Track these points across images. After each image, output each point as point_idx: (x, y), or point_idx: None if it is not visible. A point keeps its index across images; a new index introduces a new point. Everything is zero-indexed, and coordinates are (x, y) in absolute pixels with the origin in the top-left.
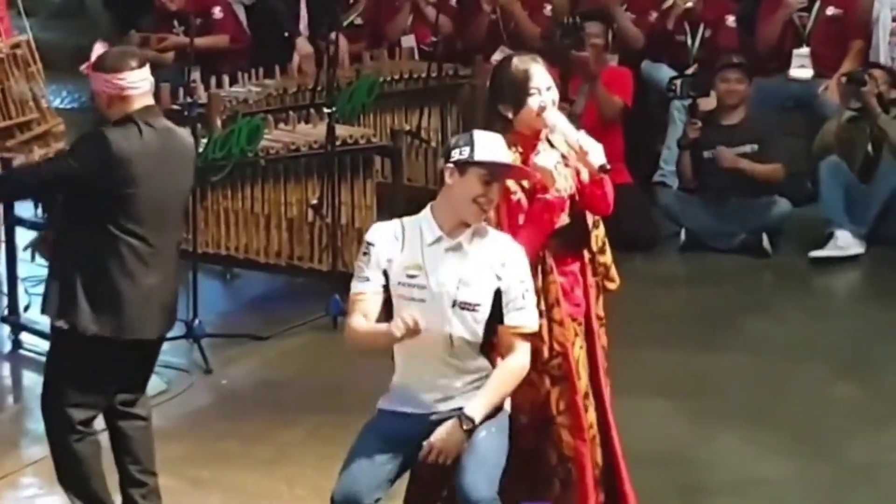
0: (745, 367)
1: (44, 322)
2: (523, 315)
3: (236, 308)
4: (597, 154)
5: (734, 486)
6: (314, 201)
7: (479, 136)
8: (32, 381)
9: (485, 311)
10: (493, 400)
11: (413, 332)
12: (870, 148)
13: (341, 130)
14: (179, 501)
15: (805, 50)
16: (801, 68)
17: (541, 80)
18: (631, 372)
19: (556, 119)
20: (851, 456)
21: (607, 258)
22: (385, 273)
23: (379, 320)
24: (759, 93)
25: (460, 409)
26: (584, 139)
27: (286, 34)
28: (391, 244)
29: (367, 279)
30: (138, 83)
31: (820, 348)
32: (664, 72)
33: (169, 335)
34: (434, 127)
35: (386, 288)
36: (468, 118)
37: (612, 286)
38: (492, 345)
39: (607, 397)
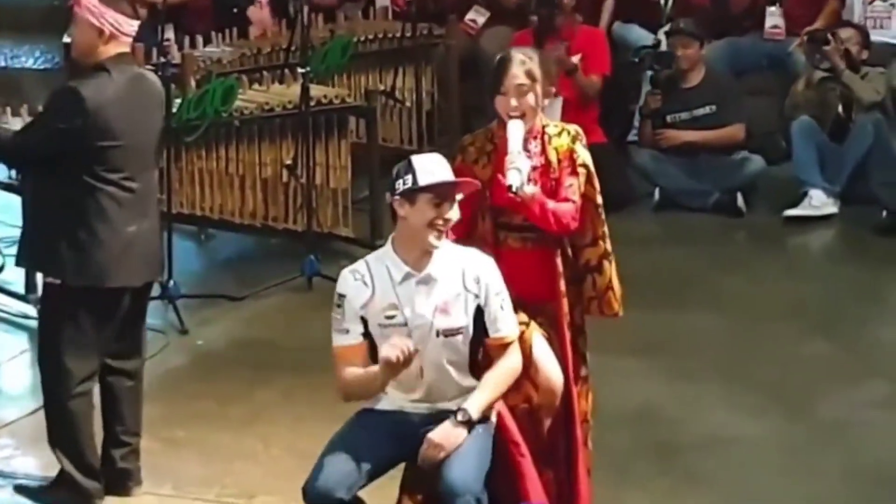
0: (719, 325)
1: (18, 283)
2: (505, 325)
3: (211, 269)
4: (512, 174)
5: (707, 443)
6: (289, 162)
7: (418, 160)
8: (7, 342)
9: (469, 332)
10: (490, 398)
11: (408, 357)
12: (840, 108)
13: (316, 91)
14: (155, 462)
15: (777, 9)
16: (773, 28)
17: (514, 80)
18: (604, 331)
19: (511, 129)
20: (824, 413)
21: (604, 281)
22: (363, 319)
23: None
24: (732, 52)
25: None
26: (514, 157)
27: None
28: (361, 291)
29: (347, 331)
30: (130, 30)
31: (793, 307)
32: (636, 32)
33: None
34: (409, 87)
35: (366, 335)
36: (442, 78)
37: (607, 311)
38: (478, 362)
39: (574, 403)
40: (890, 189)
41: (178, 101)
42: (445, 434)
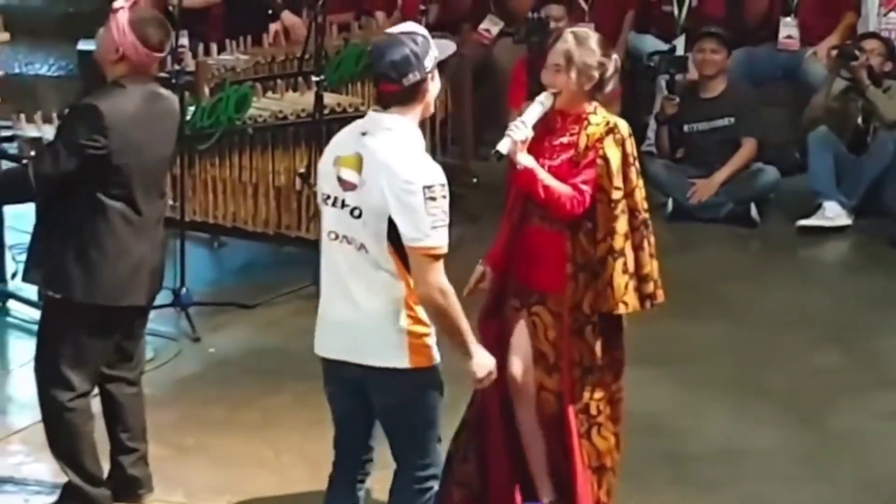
0: (732, 335)
1: (31, 290)
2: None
3: (224, 276)
4: (504, 141)
5: (720, 453)
6: (302, 170)
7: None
8: (19, 348)
9: None
10: None
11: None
12: (860, 120)
13: (329, 99)
14: (167, 469)
15: (791, 20)
16: (788, 38)
17: (553, 58)
18: None
19: (536, 100)
20: (836, 423)
21: (605, 275)
22: None
23: None
24: (748, 62)
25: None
26: (514, 125)
27: (269, 11)
28: None
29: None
30: (146, 60)
31: (806, 317)
32: (650, 42)
33: (156, 303)
34: None
35: None
36: (455, 87)
37: (603, 306)
38: None
39: (572, 399)
40: None
41: (192, 108)
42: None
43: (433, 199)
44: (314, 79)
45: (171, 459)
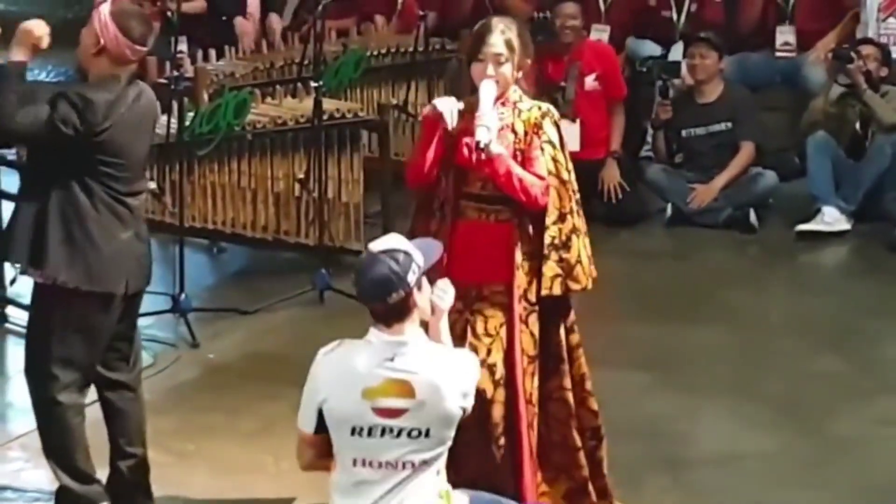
0: (730, 340)
1: (29, 296)
2: None
3: (223, 282)
4: (480, 131)
5: (718, 459)
6: (301, 176)
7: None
8: (18, 354)
9: None
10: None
11: None
12: (858, 125)
13: (328, 104)
14: (165, 474)
15: (788, 27)
16: (785, 45)
17: (491, 49)
18: (615, 345)
19: (484, 89)
20: (835, 430)
21: (573, 255)
22: None
23: None
24: (745, 68)
25: None
26: (484, 114)
27: (223, 17)
28: None
29: None
30: (127, 53)
31: (805, 322)
32: (649, 48)
33: (155, 309)
34: (421, 101)
35: None
36: (455, 92)
37: (574, 286)
38: None
39: (521, 389)
40: None
41: (191, 114)
42: None
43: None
44: (313, 84)
45: (170, 466)
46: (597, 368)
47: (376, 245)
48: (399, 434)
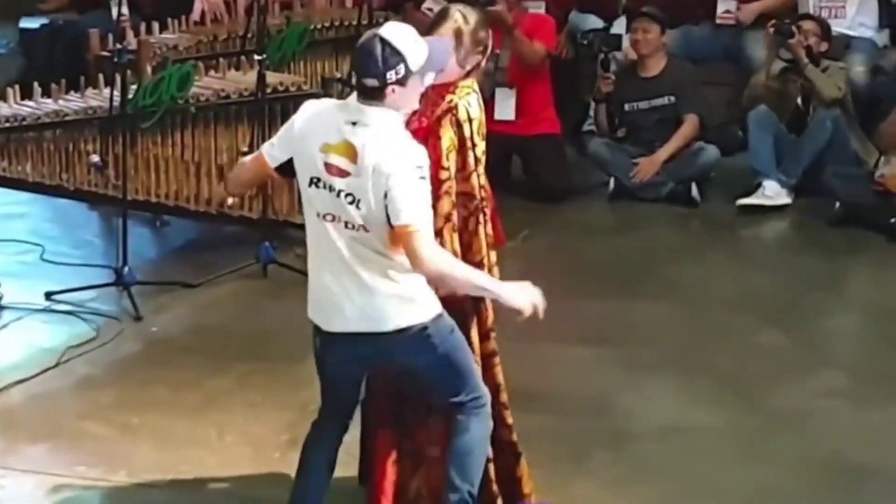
0: (673, 315)
1: None
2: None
3: (166, 255)
4: None
5: (661, 433)
6: (244, 148)
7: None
8: None
9: None
10: None
11: None
12: (799, 100)
13: (272, 78)
14: (108, 448)
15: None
16: (726, 13)
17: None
18: (559, 320)
19: None
20: (778, 403)
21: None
22: None
23: None
24: (688, 41)
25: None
26: None
27: None
28: None
29: None
30: None
31: (747, 296)
32: (591, 22)
33: (98, 282)
34: None
35: None
36: None
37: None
38: None
39: None
40: (844, 181)
41: (134, 87)
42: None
43: (423, 178)
44: (256, 58)
45: (113, 439)
46: (542, 343)
47: (384, 29)
48: (339, 195)
